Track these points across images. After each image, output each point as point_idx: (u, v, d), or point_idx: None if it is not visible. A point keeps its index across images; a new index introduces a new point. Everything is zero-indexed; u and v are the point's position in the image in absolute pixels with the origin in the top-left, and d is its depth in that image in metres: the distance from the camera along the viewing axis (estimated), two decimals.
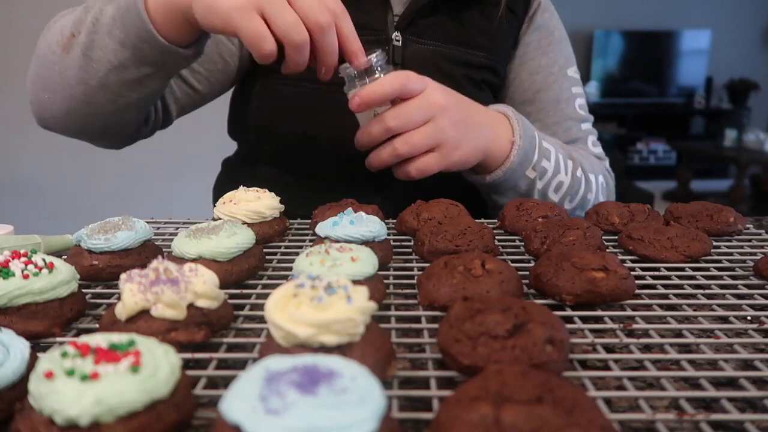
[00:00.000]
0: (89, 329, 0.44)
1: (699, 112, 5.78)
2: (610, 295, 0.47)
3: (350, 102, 0.66)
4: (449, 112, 0.67)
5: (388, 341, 0.38)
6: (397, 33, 0.82)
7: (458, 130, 0.68)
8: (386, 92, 0.65)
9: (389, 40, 0.82)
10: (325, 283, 0.35)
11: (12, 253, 0.44)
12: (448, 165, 0.69)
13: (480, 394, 0.28)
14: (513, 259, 0.60)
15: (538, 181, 0.77)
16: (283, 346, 0.34)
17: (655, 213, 0.70)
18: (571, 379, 0.37)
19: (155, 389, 0.29)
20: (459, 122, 0.68)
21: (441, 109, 0.67)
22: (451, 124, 0.67)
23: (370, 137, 0.68)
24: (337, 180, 0.85)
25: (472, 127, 0.70)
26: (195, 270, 0.42)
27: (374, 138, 0.68)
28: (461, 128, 0.68)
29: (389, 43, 0.82)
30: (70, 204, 2.20)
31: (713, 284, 0.53)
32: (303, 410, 0.24)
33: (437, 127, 0.67)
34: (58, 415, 0.28)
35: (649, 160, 5.63)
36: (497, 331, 0.36)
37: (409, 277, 0.55)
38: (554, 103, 0.89)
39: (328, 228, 0.57)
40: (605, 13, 5.51)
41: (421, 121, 0.66)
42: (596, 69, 5.63)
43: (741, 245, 0.64)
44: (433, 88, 0.67)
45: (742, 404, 0.35)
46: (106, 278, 0.53)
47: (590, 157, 0.90)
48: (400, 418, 0.33)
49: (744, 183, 4.47)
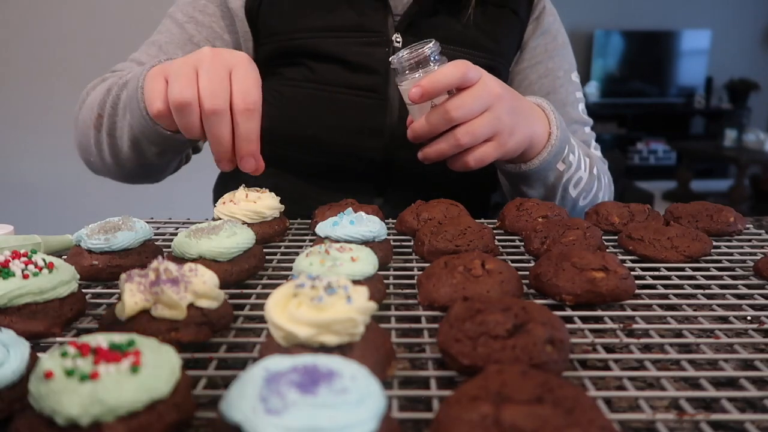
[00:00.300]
0: (89, 329, 0.44)
1: (699, 112, 5.78)
2: (610, 295, 0.47)
3: (411, 93, 0.64)
4: (504, 100, 0.67)
5: (388, 341, 0.38)
6: (397, 34, 0.82)
7: (512, 119, 0.68)
8: (449, 82, 0.64)
9: (389, 42, 0.82)
10: (325, 283, 0.35)
11: (12, 253, 0.43)
12: (504, 153, 0.69)
13: (480, 394, 0.28)
14: (513, 259, 0.60)
15: (565, 174, 0.77)
16: (283, 346, 0.34)
17: (655, 213, 0.70)
18: (571, 379, 0.37)
19: (155, 389, 0.29)
20: (513, 110, 0.68)
21: (498, 98, 0.66)
22: (507, 113, 0.67)
23: (430, 128, 0.67)
24: (338, 181, 0.85)
25: (522, 116, 0.70)
26: (195, 270, 0.42)
27: (434, 129, 0.67)
28: (514, 116, 0.68)
29: (389, 44, 0.82)
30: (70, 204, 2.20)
31: (713, 284, 0.53)
32: (303, 410, 0.24)
33: (494, 116, 0.66)
34: (58, 415, 0.28)
35: (649, 160, 5.63)
36: (497, 331, 0.36)
37: (409, 277, 0.55)
38: (561, 106, 0.90)
39: (328, 228, 0.57)
40: (605, 13, 5.51)
41: (480, 110, 0.65)
42: (596, 69, 5.63)
43: (741, 245, 0.64)
44: (489, 77, 0.67)
45: (742, 404, 0.35)
46: (106, 278, 0.53)
47: (597, 158, 0.91)
48: (400, 418, 0.33)
49: (744, 183, 4.47)
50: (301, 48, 0.82)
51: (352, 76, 0.81)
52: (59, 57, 2.21)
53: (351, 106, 0.81)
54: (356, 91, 0.81)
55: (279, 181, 0.80)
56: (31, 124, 2.27)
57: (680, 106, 5.79)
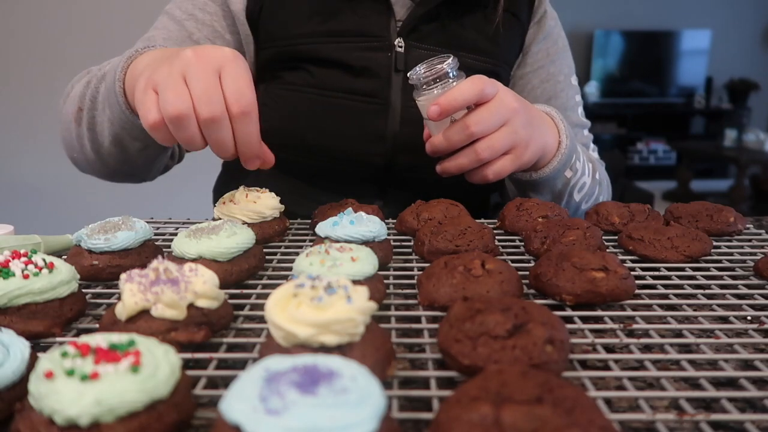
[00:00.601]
0: (89, 329, 0.44)
1: (699, 112, 5.78)
2: (610, 295, 0.47)
3: (430, 111, 0.65)
4: (520, 113, 0.68)
5: (388, 341, 0.38)
6: (399, 39, 0.81)
7: (527, 131, 0.69)
8: (467, 98, 0.65)
9: (392, 47, 0.81)
10: (325, 283, 0.35)
11: (12, 253, 0.44)
12: (521, 165, 0.70)
13: (480, 394, 0.28)
14: (513, 259, 0.60)
15: (572, 180, 0.78)
16: (283, 346, 0.34)
17: (655, 213, 0.70)
18: (571, 379, 0.37)
19: (155, 389, 0.29)
20: (528, 123, 0.69)
21: (514, 112, 0.67)
22: (522, 126, 0.68)
23: (450, 143, 0.68)
24: (338, 183, 0.85)
25: (536, 128, 0.71)
26: (195, 270, 0.42)
27: (454, 144, 0.68)
28: (530, 129, 0.69)
29: (392, 49, 0.81)
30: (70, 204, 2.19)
31: (713, 284, 0.53)
32: (303, 410, 0.24)
33: (512, 130, 0.67)
34: (58, 415, 0.28)
35: (649, 160, 5.63)
36: (497, 331, 0.36)
37: (409, 277, 0.55)
38: (562, 111, 0.90)
39: (328, 228, 0.57)
40: (605, 13, 5.51)
41: (499, 125, 0.67)
42: (596, 69, 5.63)
43: (741, 245, 0.64)
44: (504, 91, 0.68)
45: (742, 404, 0.35)
46: (106, 278, 0.53)
47: (596, 161, 0.91)
48: (400, 418, 0.33)
49: (744, 183, 4.47)
50: (303, 53, 0.81)
51: (353, 81, 0.80)
52: (59, 57, 2.21)
53: (352, 112, 0.80)
54: (358, 96, 0.80)
55: (279, 182, 0.80)
56: (31, 124, 2.26)
57: (680, 106, 5.79)
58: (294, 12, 0.82)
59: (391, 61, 0.81)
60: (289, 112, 0.82)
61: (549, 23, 0.91)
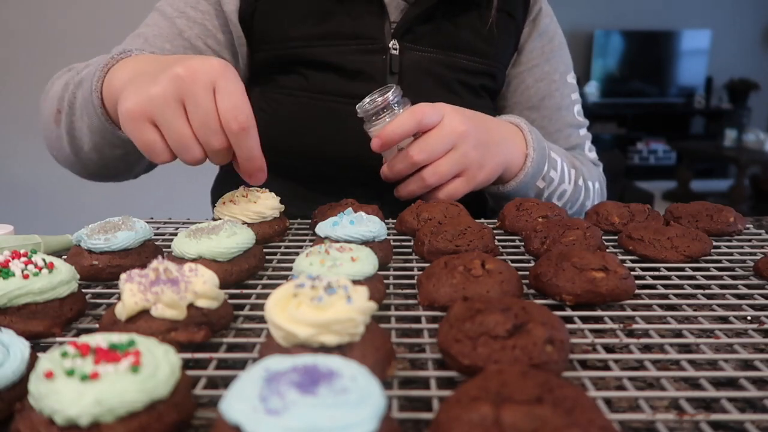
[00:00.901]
0: (89, 329, 0.44)
1: (699, 112, 5.78)
2: (610, 295, 0.47)
3: (372, 144, 0.68)
4: (469, 136, 0.69)
5: (388, 341, 0.38)
6: (394, 41, 0.81)
7: (480, 152, 0.70)
8: (405, 130, 0.66)
9: (386, 49, 0.81)
10: (325, 283, 0.35)
11: (12, 253, 0.43)
12: (475, 186, 0.71)
13: (480, 394, 0.28)
14: (513, 259, 0.60)
15: (545, 191, 0.78)
16: (283, 346, 0.34)
17: (655, 213, 0.70)
18: (571, 379, 0.37)
19: (155, 389, 0.29)
20: (479, 144, 0.70)
21: (461, 136, 0.68)
22: (473, 148, 0.69)
23: (394, 172, 0.70)
24: (336, 186, 0.85)
25: (492, 146, 0.72)
26: (195, 270, 0.42)
27: (400, 173, 0.70)
28: (482, 149, 0.70)
29: (386, 51, 0.81)
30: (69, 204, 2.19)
31: (713, 284, 0.53)
32: (303, 410, 0.24)
33: (460, 154, 0.68)
34: (58, 415, 0.28)
35: (649, 160, 5.64)
36: (497, 331, 0.36)
37: (409, 277, 0.55)
38: (556, 110, 0.90)
39: (328, 228, 0.57)
40: (605, 13, 5.51)
41: (444, 151, 0.68)
42: (596, 69, 5.64)
43: (741, 245, 0.64)
44: (450, 116, 0.68)
45: (742, 404, 0.35)
46: (106, 278, 0.53)
47: (588, 163, 0.92)
48: (400, 418, 0.33)
49: (744, 183, 4.47)
50: (297, 56, 0.80)
51: (348, 85, 0.80)
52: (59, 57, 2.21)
53: (348, 115, 0.80)
54: (353, 99, 0.80)
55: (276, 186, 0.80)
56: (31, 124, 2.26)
57: (680, 106, 5.79)
58: (287, 14, 0.81)
59: (386, 63, 0.81)
60: (285, 117, 0.82)
61: (544, 21, 0.90)
